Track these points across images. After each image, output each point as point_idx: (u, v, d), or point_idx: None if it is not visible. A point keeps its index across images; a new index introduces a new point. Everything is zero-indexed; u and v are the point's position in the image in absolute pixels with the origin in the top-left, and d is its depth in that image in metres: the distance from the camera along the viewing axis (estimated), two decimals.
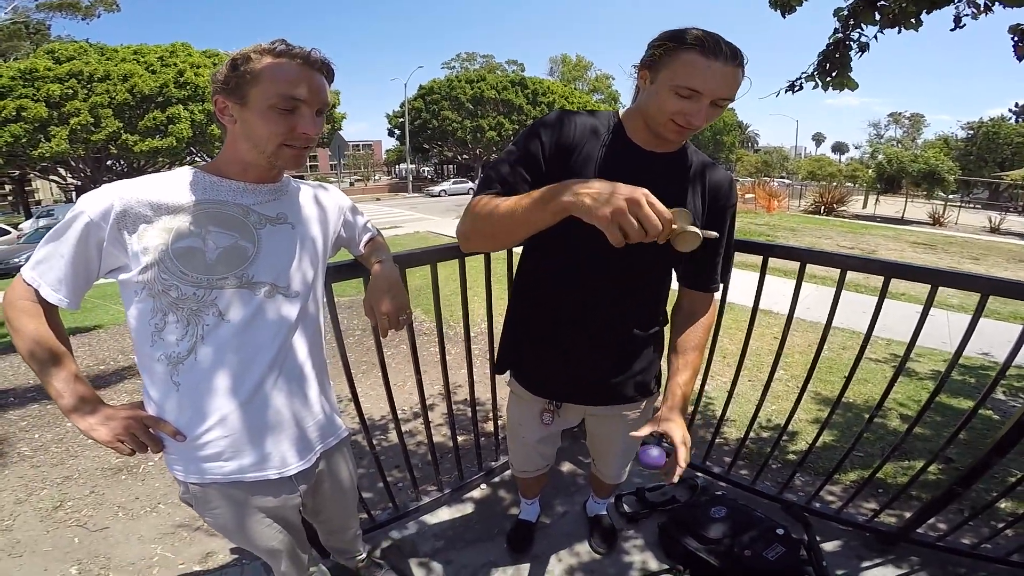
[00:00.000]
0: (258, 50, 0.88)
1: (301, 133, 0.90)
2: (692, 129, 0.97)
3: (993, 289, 1.37)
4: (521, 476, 1.64)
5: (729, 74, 0.92)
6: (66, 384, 0.90)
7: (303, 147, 0.93)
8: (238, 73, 0.86)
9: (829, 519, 1.85)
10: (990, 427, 2.75)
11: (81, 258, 0.86)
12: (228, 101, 0.89)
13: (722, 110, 0.97)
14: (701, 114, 0.94)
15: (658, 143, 1.06)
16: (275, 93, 0.86)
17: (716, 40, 0.91)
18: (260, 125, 0.88)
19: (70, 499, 2.26)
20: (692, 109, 0.94)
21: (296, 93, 0.88)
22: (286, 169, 0.98)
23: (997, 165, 29.13)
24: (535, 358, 1.29)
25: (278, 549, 1.12)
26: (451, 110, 30.42)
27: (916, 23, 2.15)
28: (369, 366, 3.60)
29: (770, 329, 4.26)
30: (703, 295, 1.21)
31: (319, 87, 0.91)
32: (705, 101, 0.93)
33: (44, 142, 16.58)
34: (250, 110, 0.88)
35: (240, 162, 0.95)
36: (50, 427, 2.95)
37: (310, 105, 0.90)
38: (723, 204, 1.14)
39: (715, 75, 0.91)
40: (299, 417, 1.05)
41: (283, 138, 0.90)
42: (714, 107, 0.95)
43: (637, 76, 1.03)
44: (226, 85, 0.87)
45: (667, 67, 0.94)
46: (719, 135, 47.44)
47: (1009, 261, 9.13)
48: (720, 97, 0.93)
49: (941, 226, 15.45)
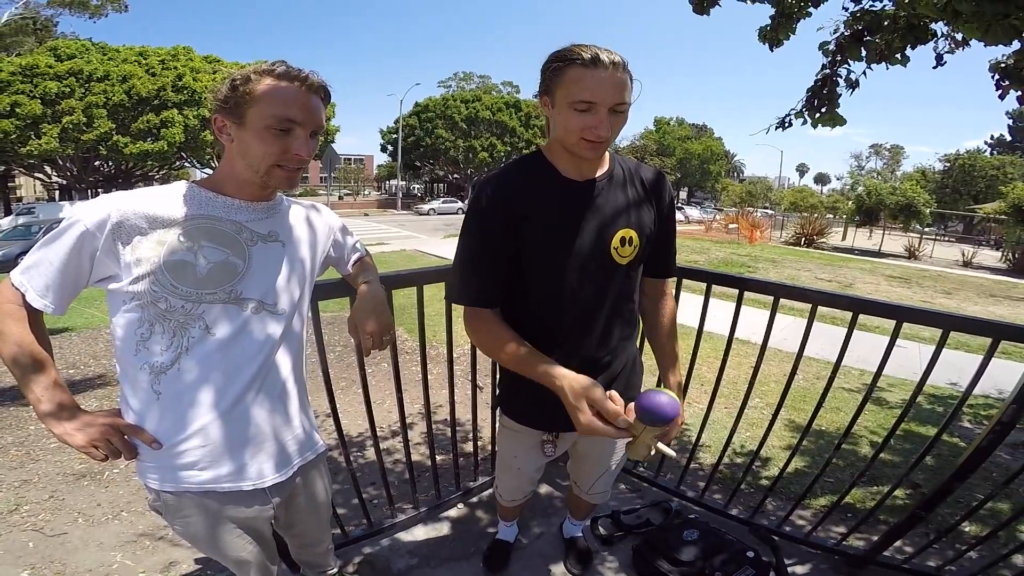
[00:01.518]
0: (258, 71, 0.91)
1: (294, 155, 0.93)
2: (602, 142, 1.01)
3: (953, 325, 1.45)
4: (508, 504, 1.66)
5: (616, 80, 0.97)
6: (45, 390, 0.90)
7: (296, 168, 0.96)
8: (237, 94, 0.89)
9: (799, 542, 1.88)
10: (956, 453, 2.81)
11: (72, 266, 0.88)
12: (226, 120, 0.92)
13: (624, 116, 1.03)
14: (604, 124, 0.98)
15: (587, 167, 1.11)
16: (271, 115, 0.90)
17: (595, 51, 0.97)
18: (255, 145, 0.91)
19: (27, 503, 2.20)
20: (593, 121, 0.98)
21: (291, 115, 0.91)
22: (281, 188, 1.00)
23: (972, 198, 30.01)
24: (531, 394, 1.29)
25: (247, 560, 1.12)
26: (445, 129, 30.75)
27: (903, 59, 2.22)
28: (349, 382, 3.58)
29: (747, 358, 4.33)
30: (663, 280, 1.33)
31: (315, 109, 0.94)
32: (603, 110, 0.98)
33: (34, 139, 16.36)
34: (246, 130, 0.91)
35: (236, 179, 0.98)
36: (11, 430, 2.87)
37: (305, 127, 0.93)
38: (667, 198, 1.21)
39: (603, 83, 0.96)
40: (278, 431, 1.06)
41: (276, 159, 0.92)
42: (614, 114, 1.00)
43: (541, 106, 1.08)
44: (225, 104, 0.91)
45: (560, 87, 1.00)
46: (706, 164, 48.52)
47: (980, 295, 9.42)
48: (615, 103, 0.98)
49: (916, 259, 15.93)
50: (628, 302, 1.23)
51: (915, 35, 2.15)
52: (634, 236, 1.14)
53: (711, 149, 49.01)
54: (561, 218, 1.10)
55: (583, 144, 1.02)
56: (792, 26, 2.46)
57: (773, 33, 2.48)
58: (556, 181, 1.11)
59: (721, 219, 22.10)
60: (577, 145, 1.03)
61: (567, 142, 1.04)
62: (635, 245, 1.15)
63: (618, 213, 1.13)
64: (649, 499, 2.18)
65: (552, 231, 1.09)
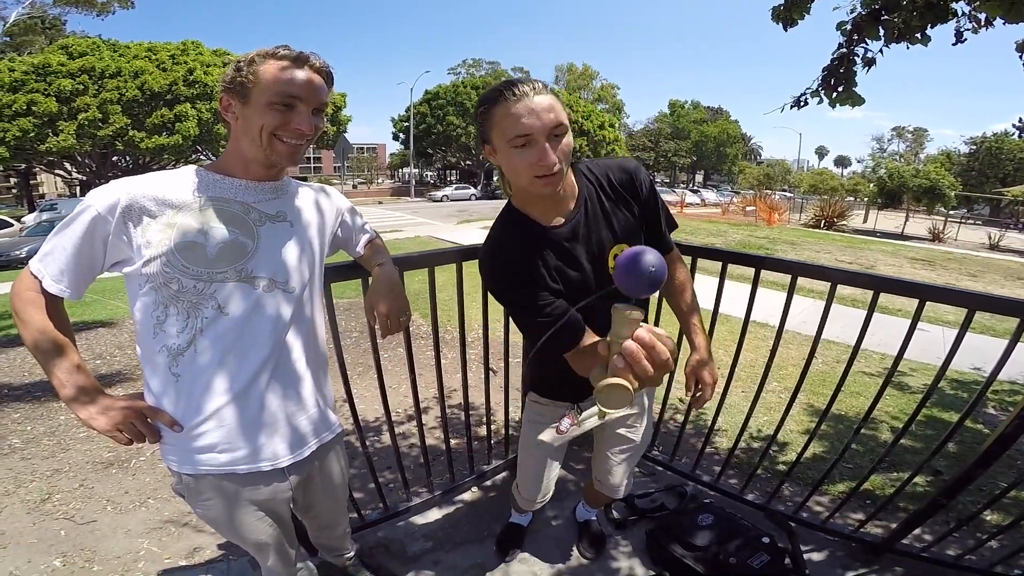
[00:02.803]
0: (262, 54, 0.94)
1: (295, 128, 0.95)
2: (553, 173, 0.97)
3: (979, 304, 1.39)
4: (527, 507, 1.66)
5: (543, 105, 0.93)
6: (68, 374, 0.92)
7: (297, 143, 0.97)
8: (242, 74, 0.93)
9: (815, 529, 1.86)
10: (979, 440, 2.74)
11: (86, 250, 0.90)
12: (232, 99, 0.95)
13: (565, 138, 0.98)
14: (547, 153, 0.94)
15: (556, 204, 1.09)
16: (274, 91, 0.92)
17: (513, 83, 0.94)
18: (257, 119, 0.94)
19: (59, 492, 2.27)
20: (537, 154, 0.95)
21: (293, 91, 0.94)
22: (281, 164, 1.01)
23: (999, 181, 29.13)
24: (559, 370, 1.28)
25: (266, 543, 1.14)
26: (456, 116, 30.60)
27: (924, 38, 2.14)
28: (365, 368, 3.62)
29: (765, 342, 4.26)
30: (668, 256, 1.30)
31: (316, 87, 0.97)
32: (541, 139, 0.94)
33: (52, 136, 16.69)
34: (251, 107, 0.94)
35: (242, 159, 1.00)
36: (43, 420, 2.96)
37: (306, 103, 0.96)
38: (643, 189, 1.18)
39: (530, 111, 0.92)
40: (293, 411, 1.07)
41: (276, 128, 0.94)
42: (555, 139, 0.96)
43: (487, 156, 1.05)
44: (231, 85, 0.94)
45: (494, 130, 0.97)
46: (722, 147, 47.62)
47: (1007, 278, 9.14)
48: (551, 128, 0.94)
49: (941, 242, 15.50)
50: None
51: (934, 14, 2.08)
52: (625, 245, 1.15)
53: (727, 132, 48.06)
54: (561, 271, 1.12)
55: (537, 183, 0.98)
56: (807, 5, 2.38)
57: (787, 12, 2.41)
58: (540, 235, 1.10)
59: (738, 201, 21.70)
60: (532, 184, 0.99)
61: (523, 183, 1.01)
62: None
63: (604, 237, 1.14)
64: (664, 483, 2.18)
65: (558, 283, 1.11)
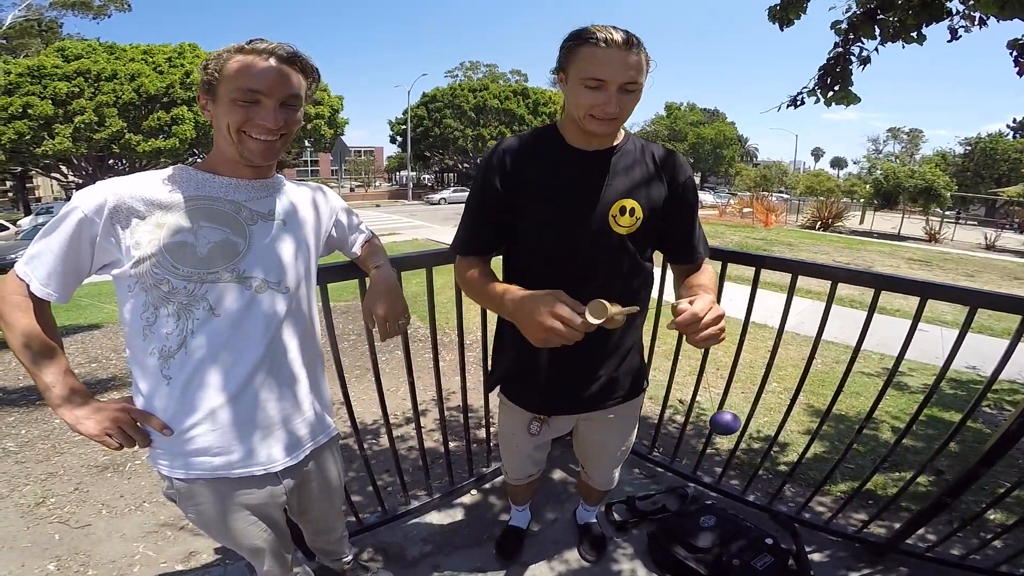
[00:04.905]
0: (230, 49, 0.93)
1: (258, 123, 0.93)
2: (610, 119, 1.02)
3: (981, 302, 1.38)
4: (514, 483, 1.65)
5: (626, 59, 0.98)
6: (56, 378, 0.91)
7: (267, 138, 0.95)
8: (209, 71, 0.92)
9: (818, 529, 1.85)
10: (980, 439, 2.74)
11: (72, 253, 0.88)
12: (207, 98, 0.94)
13: (635, 96, 1.03)
14: (612, 102, 1.00)
15: (595, 140, 1.12)
16: (235, 86, 0.91)
17: (609, 30, 0.99)
18: (223, 116, 0.92)
19: (53, 495, 2.24)
20: (602, 99, 1.00)
21: (253, 85, 0.91)
22: (256, 161, 0.97)
23: (994, 181, 29.21)
24: (523, 376, 1.33)
25: (261, 547, 1.12)
26: (453, 118, 30.61)
27: (919, 37, 2.15)
28: (363, 370, 3.59)
29: (764, 342, 4.25)
30: (695, 265, 1.26)
31: (281, 79, 0.93)
32: (612, 88, 0.99)
33: (48, 140, 16.60)
34: (219, 104, 0.92)
35: (224, 157, 0.99)
36: (37, 424, 2.93)
37: (270, 96, 0.92)
38: (682, 179, 1.19)
39: (612, 62, 0.98)
40: (288, 414, 1.05)
41: (240, 125, 0.92)
42: (625, 93, 1.01)
43: (557, 81, 1.11)
44: (203, 83, 0.93)
45: (573, 64, 1.02)
46: (719, 148, 47.76)
47: (1004, 278, 9.17)
48: (624, 82, 0.99)
49: (937, 242, 15.56)
50: (628, 278, 1.19)
51: (929, 13, 2.09)
52: (636, 207, 1.13)
53: (724, 134, 48.18)
54: (558, 181, 1.12)
55: (591, 120, 1.04)
56: (803, 5, 2.39)
57: (783, 12, 2.42)
58: (561, 148, 1.14)
59: (735, 203, 21.74)
60: (585, 120, 1.05)
61: (578, 116, 1.06)
62: (637, 216, 1.13)
63: (621, 182, 1.13)
64: (665, 485, 2.16)
65: (549, 193, 1.12)
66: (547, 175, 1.12)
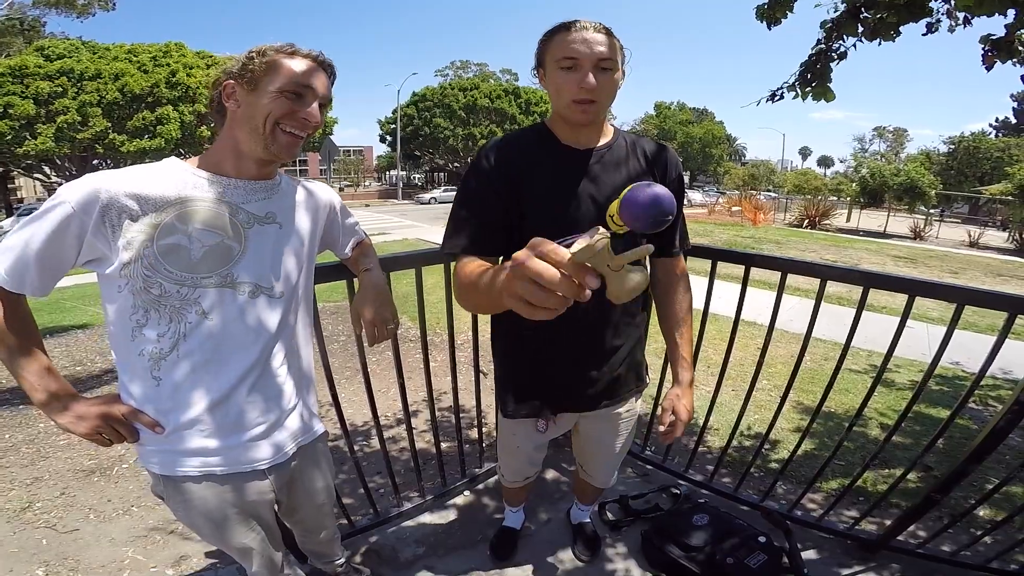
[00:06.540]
0: (274, 48, 0.93)
1: (302, 117, 0.93)
2: (592, 100, 1.03)
3: (967, 299, 1.40)
4: (511, 485, 1.64)
5: (595, 36, 1.01)
6: (39, 378, 0.89)
7: (300, 133, 0.95)
8: (254, 63, 0.90)
9: (810, 527, 1.86)
10: (968, 436, 2.79)
11: (54, 247, 0.84)
12: (238, 85, 0.92)
13: (612, 75, 1.04)
14: (589, 79, 1.01)
15: (585, 136, 1.12)
16: (288, 79, 0.91)
17: (576, 19, 1.03)
18: (264, 106, 0.91)
19: (39, 500, 2.20)
20: (578, 77, 1.01)
21: (306, 81, 0.93)
22: (280, 157, 0.97)
23: (977, 180, 29.64)
24: (527, 383, 1.31)
25: (250, 548, 1.10)
26: (443, 118, 30.46)
27: (894, 34, 2.22)
28: (353, 372, 3.56)
29: (754, 340, 4.29)
30: (672, 260, 1.30)
31: (325, 82, 0.98)
32: (587, 65, 1.01)
33: (30, 140, 16.30)
34: (258, 94, 0.91)
35: (235, 154, 0.95)
36: (21, 428, 2.87)
37: (316, 96, 0.95)
38: (673, 172, 1.20)
39: (583, 40, 1.00)
40: (276, 414, 1.04)
41: (282, 118, 0.92)
42: (602, 72, 1.02)
43: (539, 81, 1.12)
44: (240, 71, 0.91)
45: (548, 53, 1.05)
46: (708, 147, 48.10)
47: (987, 275, 9.33)
48: (599, 58, 1.00)
49: (922, 240, 15.78)
50: None
51: (911, 11, 2.13)
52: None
53: (712, 133, 48.58)
54: (556, 182, 1.11)
55: (573, 108, 1.04)
56: (790, 4, 2.42)
57: (770, 11, 2.45)
58: (554, 147, 1.13)
59: (724, 202, 21.90)
60: (569, 108, 1.05)
61: (560, 106, 1.07)
62: None
63: (616, 180, 1.12)
64: (657, 483, 2.16)
65: (546, 194, 1.11)
66: (542, 174, 1.11)
